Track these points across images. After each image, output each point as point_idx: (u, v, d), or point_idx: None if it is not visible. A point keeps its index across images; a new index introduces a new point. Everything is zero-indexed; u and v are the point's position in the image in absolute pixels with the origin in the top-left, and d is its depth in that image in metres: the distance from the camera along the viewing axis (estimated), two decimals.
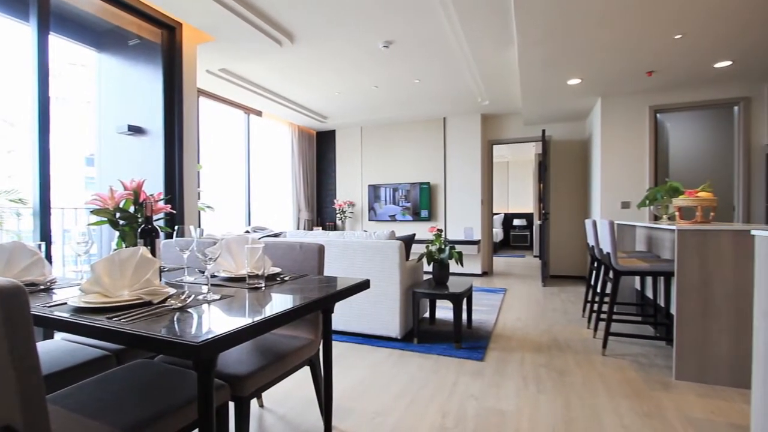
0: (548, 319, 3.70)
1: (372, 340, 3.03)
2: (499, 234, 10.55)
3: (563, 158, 6.16)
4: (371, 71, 4.39)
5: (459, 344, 2.85)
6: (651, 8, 2.75)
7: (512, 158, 11.21)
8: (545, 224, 5.65)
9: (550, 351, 2.83)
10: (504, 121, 6.36)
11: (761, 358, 1.59)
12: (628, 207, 4.73)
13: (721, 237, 2.24)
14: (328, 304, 1.25)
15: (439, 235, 3.11)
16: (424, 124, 6.56)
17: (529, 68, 3.85)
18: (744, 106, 4.34)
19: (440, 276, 3.13)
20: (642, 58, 3.62)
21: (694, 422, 1.88)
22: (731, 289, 2.24)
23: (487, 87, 4.92)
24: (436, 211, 6.49)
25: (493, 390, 2.21)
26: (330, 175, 7.30)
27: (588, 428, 1.82)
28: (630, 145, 4.73)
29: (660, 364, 2.57)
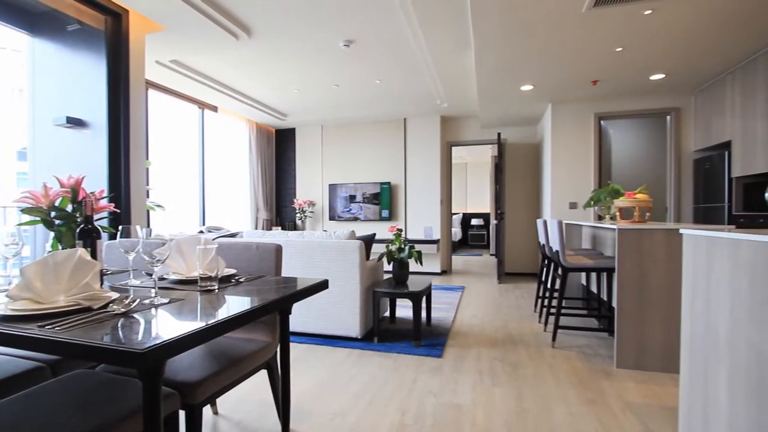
0: (503, 315, 3.86)
1: (332, 341, 3.00)
2: (458, 233, 10.83)
3: (517, 161, 6.43)
4: (332, 70, 4.36)
5: (418, 342, 2.90)
6: (595, 22, 2.94)
7: (470, 159, 11.55)
8: (501, 224, 5.87)
9: (504, 345, 2.95)
10: (462, 123, 6.54)
11: (687, 345, 1.75)
12: (576, 207, 5.03)
13: (655, 235, 2.44)
14: (285, 305, 1.23)
15: (399, 235, 3.14)
16: (385, 124, 6.60)
17: (485, 73, 3.98)
18: (675, 116, 4.75)
19: (400, 275, 3.16)
20: (588, 68, 3.86)
21: (631, 406, 2.03)
22: (663, 283, 2.44)
23: (446, 89, 5.03)
24: (397, 210, 6.56)
25: (451, 385, 2.27)
26: (290, 173, 7.16)
27: (539, 417, 1.91)
28: (577, 149, 5.03)
29: (603, 354, 2.76)
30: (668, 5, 2.71)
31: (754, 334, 1.30)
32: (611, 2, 2.65)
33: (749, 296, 1.32)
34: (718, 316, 1.51)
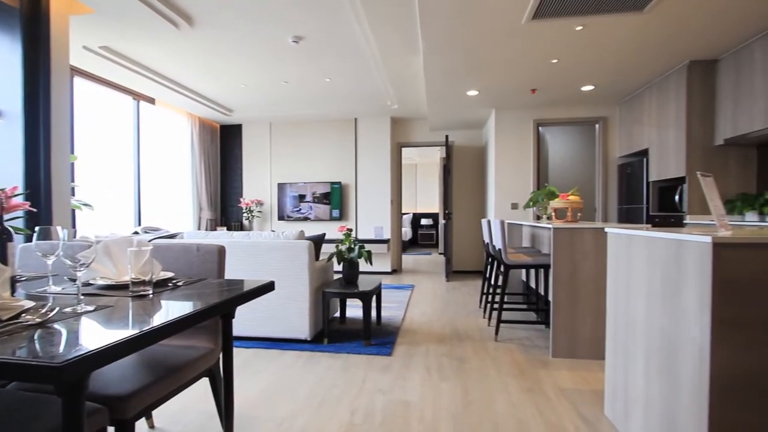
0: (450, 311, 3.99)
1: (280, 344, 2.93)
2: (408, 233, 11.03)
3: (464, 162, 6.68)
4: (280, 66, 4.25)
5: (369, 341, 2.91)
6: (533, 34, 3.13)
7: (420, 161, 11.81)
8: (448, 223, 6.07)
9: (451, 341, 3.05)
10: (412, 125, 6.66)
11: (611, 333, 1.93)
12: (517, 208, 5.33)
13: (585, 234, 2.65)
14: (227, 309, 1.18)
15: (349, 235, 3.14)
16: (335, 123, 6.55)
17: (433, 77, 4.09)
18: (603, 125, 5.19)
19: (350, 275, 3.16)
20: (527, 77, 4.10)
21: (565, 392, 2.19)
22: (592, 278, 2.66)
23: (397, 91, 5.10)
24: (348, 210, 6.54)
25: (400, 382, 2.30)
26: (236, 172, 6.87)
27: (483, 408, 2.00)
28: (518, 152, 5.33)
29: (540, 345, 2.95)
30: (596, 23, 2.96)
31: (666, 322, 1.46)
32: (548, 16, 2.84)
33: (661, 288, 1.48)
34: (636, 306, 1.68)
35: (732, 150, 3.67)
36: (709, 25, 3.01)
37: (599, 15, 2.82)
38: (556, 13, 2.78)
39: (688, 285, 1.31)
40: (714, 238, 1.19)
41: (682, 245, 1.34)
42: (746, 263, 1.19)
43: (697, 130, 3.69)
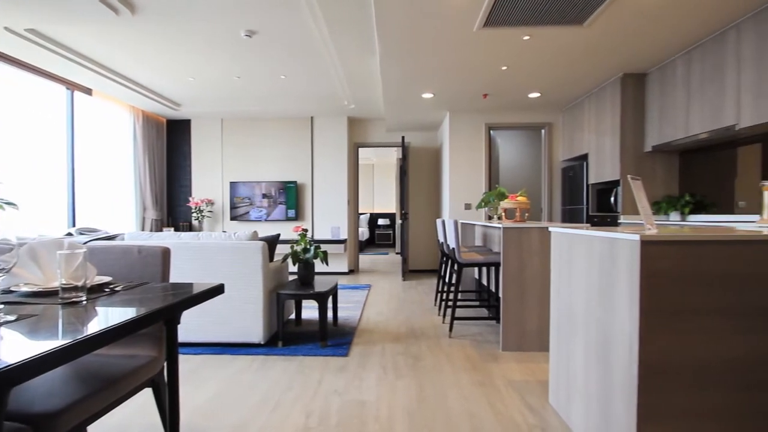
0: (406, 310, 4.04)
1: (232, 349, 2.82)
2: (365, 233, 11.05)
3: (420, 163, 6.80)
4: (232, 60, 4.09)
5: (325, 343, 2.88)
6: (485, 41, 3.26)
7: (377, 161, 11.87)
8: (405, 223, 6.15)
9: (407, 339, 3.10)
10: (369, 125, 6.68)
11: (555, 326, 2.05)
12: (470, 208, 5.51)
13: (532, 233, 2.80)
14: (171, 314, 1.12)
15: (305, 235, 3.09)
16: (291, 121, 6.41)
17: (390, 79, 4.13)
18: (548, 130, 5.51)
19: (305, 276, 3.11)
20: (479, 82, 4.26)
21: (514, 384, 2.29)
22: (538, 274, 2.81)
23: (353, 91, 5.09)
24: (304, 210, 6.43)
25: (356, 383, 2.30)
26: (184, 169, 6.52)
27: (437, 404, 2.05)
28: (471, 155, 5.52)
29: (491, 340, 3.07)
30: (541, 34, 3.13)
31: (601, 314, 1.58)
32: (498, 25, 2.96)
33: (598, 282, 1.60)
34: (576, 300, 1.80)
35: (658, 156, 4.04)
36: (639, 42, 3.29)
37: (544, 26, 2.99)
38: (506, 22, 2.91)
39: (621, 279, 1.42)
40: (642, 236, 1.31)
41: (615, 243, 1.45)
42: (669, 259, 1.32)
43: (629, 138, 4.02)
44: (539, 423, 1.86)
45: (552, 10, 2.75)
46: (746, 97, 2.88)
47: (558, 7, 2.70)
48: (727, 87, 3.05)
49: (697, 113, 3.33)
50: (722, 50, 3.09)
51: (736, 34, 2.96)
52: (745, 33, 2.89)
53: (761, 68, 2.77)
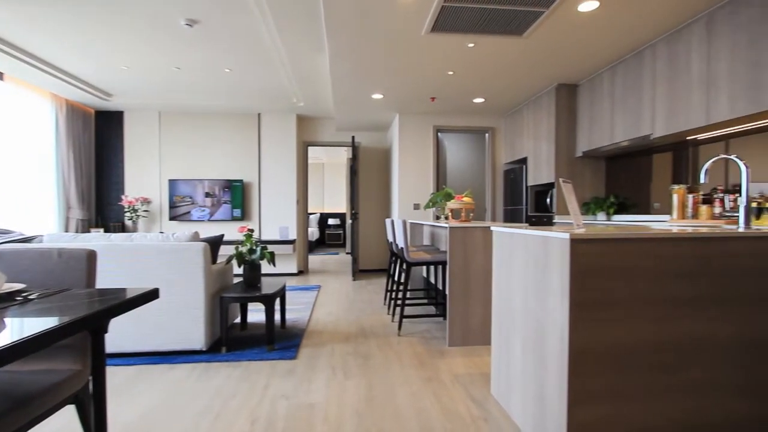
0: (356, 310, 4.05)
1: (171, 357, 2.65)
2: (315, 233, 10.89)
3: (371, 163, 6.84)
4: (171, 49, 3.84)
5: (272, 346, 2.81)
6: (432, 46, 3.35)
7: (327, 160, 11.74)
8: (355, 223, 6.15)
9: (356, 339, 3.10)
10: (319, 124, 6.60)
11: (496, 320, 2.16)
12: (419, 208, 5.64)
13: (476, 232, 2.93)
14: (96, 323, 1.03)
15: (250, 236, 2.98)
16: (237, 117, 6.15)
17: (339, 78, 4.11)
18: (492, 134, 5.78)
19: (251, 278, 3.00)
20: (427, 85, 4.37)
21: (459, 378, 2.38)
22: (482, 271, 2.95)
23: (303, 89, 5.00)
24: (250, 210, 6.20)
25: (305, 385, 2.27)
26: (116, 165, 6.01)
27: (386, 401, 2.08)
28: (420, 156, 5.64)
29: (438, 336, 3.16)
30: (485, 42, 3.28)
31: (537, 308, 1.69)
32: (444, 31, 3.06)
33: (534, 278, 1.71)
34: (515, 295, 1.91)
35: (588, 161, 4.40)
36: (571, 55, 3.57)
37: (487, 35, 3.14)
38: (452, 28, 3.02)
39: (553, 274, 1.54)
40: (571, 235, 1.42)
41: (548, 241, 1.56)
42: (595, 255, 1.45)
43: (563, 143, 4.34)
44: (482, 414, 1.95)
45: (494, 20, 2.89)
46: (660, 110, 3.23)
47: (500, 17, 2.85)
48: (644, 100, 3.39)
49: (620, 123, 3.67)
50: (640, 67, 3.43)
51: (652, 53, 3.30)
52: (659, 53, 3.23)
53: (671, 85, 3.11)
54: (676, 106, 3.07)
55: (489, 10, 2.74)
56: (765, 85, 2.42)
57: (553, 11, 2.77)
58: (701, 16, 2.85)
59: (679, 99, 3.04)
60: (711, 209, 2.85)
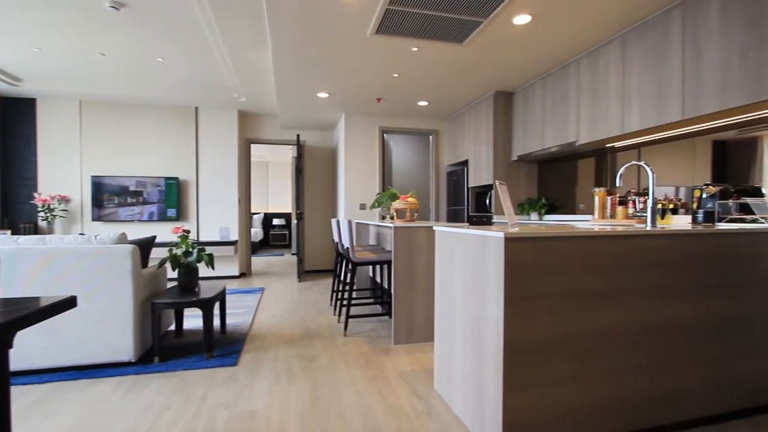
0: (301, 312, 3.97)
1: (93, 371, 2.42)
2: (259, 233, 10.51)
3: (316, 163, 6.74)
4: (94, 33, 3.50)
5: (211, 353, 2.67)
6: (377, 47, 3.38)
7: (271, 158, 11.39)
8: (300, 223, 6.03)
9: (301, 341, 3.05)
10: (262, 121, 6.38)
11: (438, 317, 2.23)
12: (365, 208, 5.67)
13: (420, 232, 3.01)
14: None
15: (186, 237, 2.81)
16: (171, 110, 5.76)
17: (283, 75, 4.01)
18: (435, 136, 5.97)
19: (187, 282, 2.83)
20: (373, 86, 4.41)
21: (404, 375, 2.43)
22: (425, 270, 3.03)
23: (244, 84, 4.81)
24: (187, 209, 5.83)
25: (246, 392, 2.18)
26: (27, 159, 5.35)
27: (330, 403, 2.06)
28: (366, 156, 5.67)
29: (384, 335, 3.20)
30: (428, 47, 3.38)
31: (476, 304, 1.77)
32: (389, 33, 3.11)
33: (472, 275, 1.80)
34: (456, 292, 1.99)
35: (522, 164, 4.70)
36: (508, 64, 3.79)
37: (430, 41, 3.24)
38: (396, 31, 3.07)
39: (490, 271, 1.63)
40: (505, 234, 1.52)
41: (485, 240, 1.65)
42: (527, 253, 1.55)
43: (500, 147, 4.60)
44: (426, 409, 2.01)
45: (436, 27, 2.99)
46: (583, 119, 3.54)
47: (441, 24, 2.95)
48: (570, 110, 3.70)
49: (550, 130, 3.97)
50: (567, 79, 3.74)
51: (577, 67, 3.61)
52: (583, 67, 3.54)
53: (593, 97, 3.43)
54: (597, 116, 3.39)
55: (431, 16, 2.83)
56: (667, 101, 2.76)
57: (490, 22, 2.93)
58: (617, 36, 3.17)
59: (600, 110, 3.35)
60: (626, 210, 3.18)
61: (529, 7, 2.75)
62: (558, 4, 2.70)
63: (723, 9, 2.40)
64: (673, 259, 1.77)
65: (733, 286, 1.87)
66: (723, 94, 2.40)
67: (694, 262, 1.80)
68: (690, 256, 1.80)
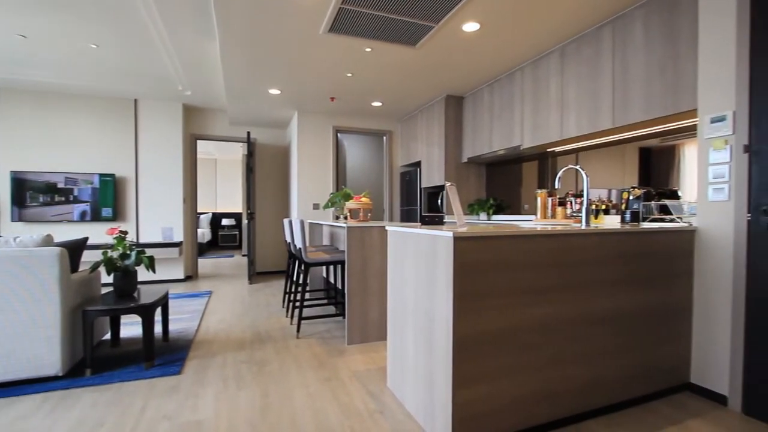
0: (252, 315, 3.84)
1: (14, 389, 2.18)
2: (207, 234, 10.02)
3: (268, 161, 6.55)
4: (12, 13, 3.15)
5: (151, 362, 2.50)
6: (330, 46, 3.35)
7: (220, 156, 10.90)
8: (251, 224, 5.83)
9: (252, 346, 2.95)
10: (210, 116, 6.08)
11: (391, 316, 2.26)
12: (318, 208, 5.60)
13: (373, 232, 3.03)
14: None
15: (123, 238, 2.62)
16: (108, 102, 5.32)
17: (232, 69, 3.85)
18: (389, 137, 6.03)
19: (124, 286, 2.64)
20: (326, 85, 4.36)
21: (357, 374, 2.44)
22: (379, 269, 3.06)
23: (189, 76, 4.56)
24: (125, 209, 5.42)
25: (191, 402, 2.08)
26: None
27: (282, 407, 2.02)
28: (319, 155, 5.61)
29: (338, 336, 3.19)
30: (381, 48, 3.41)
31: (426, 301, 1.82)
32: (342, 32, 3.09)
33: (424, 274, 1.84)
34: (408, 290, 2.02)
35: (472, 166, 4.89)
36: (458, 69, 3.92)
37: (384, 42, 3.27)
38: (350, 31, 3.06)
39: (440, 269, 1.67)
40: (454, 233, 1.57)
41: (435, 239, 1.70)
42: (474, 252, 1.62)
43: (451, 150, 4.74)
44: (378, 407, 2.03)
45: (390, 29, 3.03)
46: (527, 124, 3.74)
47: (394, 27, 2.99)
48: (515, 115, 3.90)
49: (497, 133, 4.16)
50: (512, 86, 3.93)
51: (521, 75, 3.82)
52: (527, 75, 3.75)
53: (535, 104, 3.64)
54: (539, 121, 3.60)
55: (385, 18, 2.86)
56: (600, 110, 2.99)
57: (441, 27, 3.01)
58: (557, 48, 3.38)
59: (542, 116, 3.57)
60: (565, 210, 3.41)
61: (478, 16, 2.86)
62: (504, 14, 2.83)
63: (645, 27, 2.65)
64: (604, 256, 1.93)
65: (653, 279, 2.08)
66: (647, 106, 2.65)
67: (622, 259, 1.98)
68: (618, 253, 1.97)
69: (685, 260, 2.19)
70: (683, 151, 2.76)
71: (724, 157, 2.05)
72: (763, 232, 1.91)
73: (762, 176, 1.92)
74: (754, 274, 1.94)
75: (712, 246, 2.12)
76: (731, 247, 2.03)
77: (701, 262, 2.17)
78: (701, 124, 2.17)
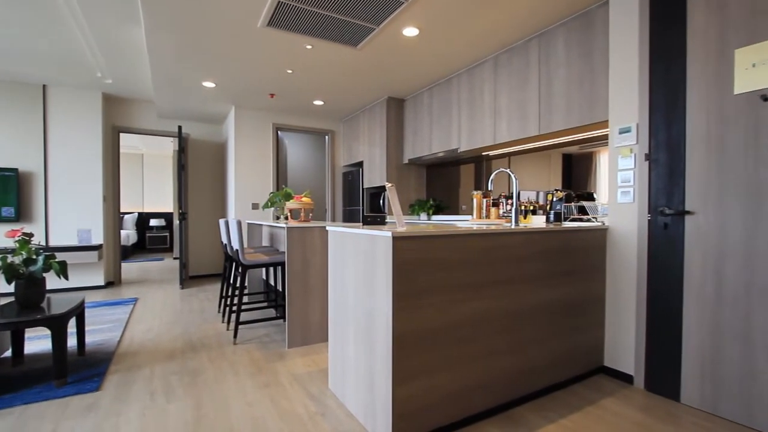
0: (184, 322, 3.61)
1: None
2: (132, 236, 9.21)
3: (203, 158, 6.18)
4: None
5: (62, 380, 2.25)
6: (269, 40, 3.25)
7: (147, 151, 10.08)
8: (183, 224, 5.46)
9: (184, 355, 2.77)
10: (135, 107, 5.59)
11: (332, 316, 2.25)
12: (257, 208, 5.39)
13: (314, 232, 2.98)
14: None
15: (27, 241, 2.32)
16: (9, 86, 4.67)
17: (160, 57, 3.58)
18: (331, 137, 5.98)
19: (29, 296, 2.34)
20: (265, 80, 4.22)
21: (298, 378, 2.39)
22: (320, 270, 3.02)
23: (111, 63, 4.16)
24: (31, 208, 4.81)
25: (112, 421, 1.90)
26: None
27: (216, 419, 1.92)
28: (258, 153, 5.41)
29: (278, 339, 3.10)
30: (322, 47, 3.37)
31: (367, 301, 1.83)
32: (281, 27, 3.01)
33: (364, 274, 1.85)
34: (348, 290, 2.03)
35: (413, 168, 5.01)
36: (399, 72, 3.99)
37: (325, 40, 3.23)
38: (289, 26, 2.99)
39: (379, 269, 1.70)
40: (393, 233, 1.60)
41: (375, 239, 1.72)
42: (412, 251, 1.66)
43: (392, 151, 4.82)
44: (320, 409, 2.01)
45: (330, 27, 3.00)
46: (464, 128, 3.92)
47: (335, 26, 2.97)
48: (453, 119, 4.06)
49: (436, 136, 4.31)
50: (450, 91, 4.10)
51: (458, 81, 3.99)
52: (463, 82, 3.92)
53: (471, 110, 3.82)
54: (474, 126, 3.78)
55: (325, 16, 2.83)
56: (528, 118, 3.22)
57: (382, 30, 3.05)
58: (490, 57, 3.58)
59: (477, 121, 3.75)
60: (498, 211, 3.62)
61: (417, 21, 2.94)
62: (441, 21, 2.94)
63: (566, 44, 2.90)
64: (531, 253, 2.08)
65: (573, 273, 2.29)
66: (567, 115, 2.90)
67: (547, 255, 2.15)
68: (543, 250, 2.14)
69: (600, 256, 2.43)
70: (599, 158, 3.06)
71: (630, 163, 2.31)
72: (660, 230, 2.18)
73: (659, 181, 2.19)
74: (653, 267, 2.21)
75: (620, 243, 2.38)
76: (636, 244, 2.29)
77: (612, 257, 2.43)
78: (612, 134, 2.42)
